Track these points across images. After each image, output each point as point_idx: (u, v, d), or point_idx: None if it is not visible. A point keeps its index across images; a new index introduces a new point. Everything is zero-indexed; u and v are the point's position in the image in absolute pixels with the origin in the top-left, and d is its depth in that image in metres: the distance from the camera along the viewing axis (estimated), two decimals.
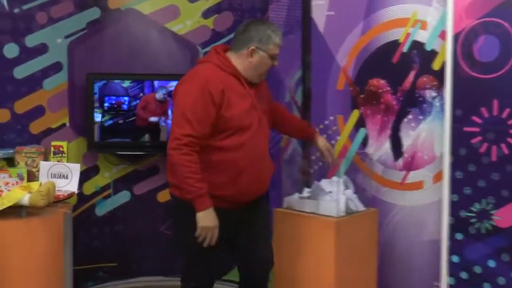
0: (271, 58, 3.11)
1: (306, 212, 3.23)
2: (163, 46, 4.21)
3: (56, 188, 3.43)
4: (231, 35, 4.18)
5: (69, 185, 3.59)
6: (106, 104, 4.04)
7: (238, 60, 3.10)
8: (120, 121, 4.07)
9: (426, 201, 3.37)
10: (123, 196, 4.27)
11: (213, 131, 2.97)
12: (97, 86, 4.02)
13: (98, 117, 4.03)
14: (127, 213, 4.28)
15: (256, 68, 3.10)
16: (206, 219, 2.93)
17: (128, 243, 4.29)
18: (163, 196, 4.28)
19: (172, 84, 4.02)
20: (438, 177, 3.32)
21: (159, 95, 4.08)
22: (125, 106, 4.07)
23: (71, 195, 3.57)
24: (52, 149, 3.75)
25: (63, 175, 3.60)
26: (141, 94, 4.07)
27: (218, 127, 2.98)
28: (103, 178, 4.21)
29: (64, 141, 3.81)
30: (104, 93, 4.05)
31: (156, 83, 4.10)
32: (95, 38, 4.11)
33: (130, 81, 4.06)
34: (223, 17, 4.22)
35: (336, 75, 3.74)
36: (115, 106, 4.06)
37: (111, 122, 4.06)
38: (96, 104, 4.02)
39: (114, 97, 4.06)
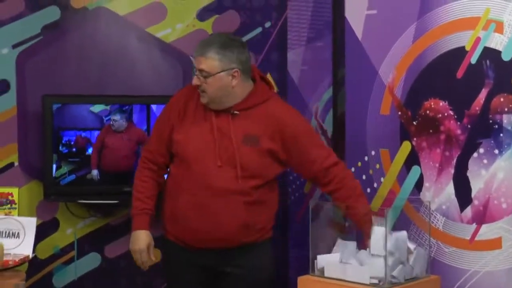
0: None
1: (341, 280, 3.20)
2: (145, 58, 4.25)
3: (4, 251, 3.41)
4: None
5: (22, 246, 3.56)
6: (62, 148, 4.01)
7: None
8: (95, 177, 4.07)
9: (506, 265, 3.32)
10: (91, 261, 4.27)
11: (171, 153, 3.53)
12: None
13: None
14: (96, 284, 4.27)
15: None
16: (131, 241, 3.54)
17: None
18: None
19: None
20: None
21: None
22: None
23: (24, 260, 3.55)
24: None
25: (13, 233, 3.58)
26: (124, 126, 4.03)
27: (172, 150, 3.50)
28: (64, 236, 4.22)
29: (14, 187, 3.78)
30: (60, 126, 4.00)
31: (155, 107, 4.07)
32: (54, 47, 4.15)
33: (104, 104, 4.04)
34: (226, 18, 4.28)
35: (379, 96, 3.74)
36: (76, 149, 4.02)
37: (73, 177, 4.04)
38: None
39: (75, 132, 4.03)
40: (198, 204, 3.41)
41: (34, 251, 3.60)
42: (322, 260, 3.30)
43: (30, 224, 3.59)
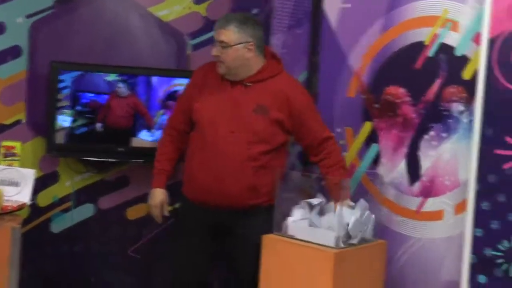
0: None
1: (300, 240, 3.25)
2: (145, 34, 4.25)
3: (4, 197, 3.43)
4: None
5: (20, 194, 3.59)
6: (78, 107, 4.06)
7: None
8: (99, 129, 4.11)
9: (445, 234, 3.40)
10: (86, 210, 4.28)
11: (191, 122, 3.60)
12: (69, 78, 4.03)
13: (66, 121, 4.04)
14: (89, 231, 4.29)
15: None
16: (149, 197, 3.69)
17: (89, 267, 4.31)
18: (133, 213, 4.30)
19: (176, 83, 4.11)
20: (460, 207, 3.34)
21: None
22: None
23: (21, 206, 3.57)
24: (3, 150, 3.74)
25: (13, 182, 3.61)
26: (126, 93, 4.11)
27: (192, 118, 3.58)
28: (63, 188, 4.22)
29: (18, 141, 3.82)
30: (78, 89, 4.06)
31: (154, 79, 4.12)
32: (64, 19, 4.14)
33: (116, 74, 4.08)
34: (218, 4, 4.26)
35: (347, 80, 3.79)
36: (89, 108, 4.08)
37: (85, 129, 4.09)
38: (67, 103, 4.04)
39: (90, 95, 4.09)
40: (209, 166, 3.47)
41: (32, 199, 3.62)
42: (289, 221, 3.34)
43: (29, 175, 3.60)
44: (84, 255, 4.29)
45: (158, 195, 3.66)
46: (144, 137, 4.12)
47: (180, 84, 4.06)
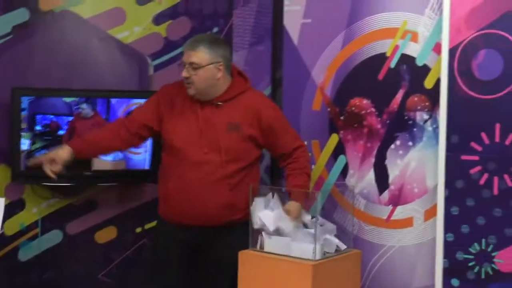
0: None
1: (277, 254, 3.28)
2: (106, 57, 4.26)
3: None
4: None
5: None
6: (37, 127, 4.05)
7: None
8: None
9: (416, 241, 3.48)
10: (54, 237, 4.25)
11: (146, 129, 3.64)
12: (26, 100, 4.00)
13: (25, 144, 4.02)
14: (58, 257, 4.26)
15: None
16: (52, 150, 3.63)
17: None
18: (102, 236, 4.29)
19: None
20: (430, 213, 3.43)
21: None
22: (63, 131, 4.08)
23: None
24: None
25: None
26: (90, 114, 4.13)
27: (163, 139, 3.61)
28: (29, 215, 4.18)
29: None
30: (36, 111, 4.05)
31: (114, 101, 4.13)
32: (23, 45, 4.12)
33: (66, 97, 4.07)
34: (178, 24, 4.30)
35: (311, 94, 3.85)
36: (49, 129, 4.07)
37: (44, 151, 4.03)
38: (24, 126, 4.04)
39: (50, 117, 4.08)
40: (185, 187, 3.48)
41: (2, 228, 3.59)
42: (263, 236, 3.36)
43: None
44: (54, 282, 4.26)
45: (62, 150, 3.58)
46: (105, 157, 4.10)
47: (139, 103, 4.07)
